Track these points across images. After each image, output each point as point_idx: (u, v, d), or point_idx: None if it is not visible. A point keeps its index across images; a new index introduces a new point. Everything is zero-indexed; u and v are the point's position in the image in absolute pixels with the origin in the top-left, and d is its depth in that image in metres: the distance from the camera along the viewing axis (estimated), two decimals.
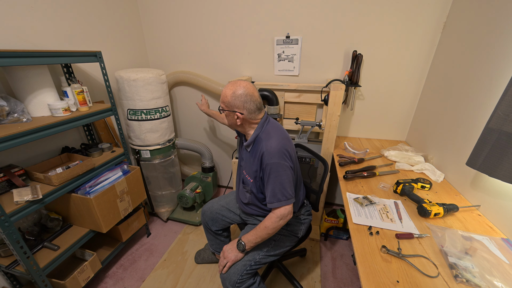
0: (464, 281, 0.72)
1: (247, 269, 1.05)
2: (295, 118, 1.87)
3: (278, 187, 0.98)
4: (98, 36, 1.63)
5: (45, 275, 1.16)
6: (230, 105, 1.02)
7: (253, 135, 1.07)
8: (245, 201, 1.17)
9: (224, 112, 1.07)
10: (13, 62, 0.99)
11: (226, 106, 1.04)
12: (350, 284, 1.49)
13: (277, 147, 0.99)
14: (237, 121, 1.05)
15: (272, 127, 1.07)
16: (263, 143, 1.02)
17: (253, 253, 1.09)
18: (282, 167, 0.99)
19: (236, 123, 1.07)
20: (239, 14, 1.75)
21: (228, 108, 1.04)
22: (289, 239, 1.19)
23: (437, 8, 1.42)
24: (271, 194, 1.00)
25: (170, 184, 1.98)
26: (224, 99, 1.04)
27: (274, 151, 0.98)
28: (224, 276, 1.06)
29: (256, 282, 1.10)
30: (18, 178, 1.13)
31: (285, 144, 1.02)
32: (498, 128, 0.84)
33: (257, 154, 1.04)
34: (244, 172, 1.14)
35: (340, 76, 1.74)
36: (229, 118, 1.08)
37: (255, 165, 1.05)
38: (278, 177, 0.99)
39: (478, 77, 1.12)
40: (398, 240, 0.88)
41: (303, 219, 1.23)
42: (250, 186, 1.11)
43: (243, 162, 1.17)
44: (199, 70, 2.01)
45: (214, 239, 1.47)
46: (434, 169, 1.30)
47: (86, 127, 1.62)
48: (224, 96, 1.03)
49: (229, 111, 1.04)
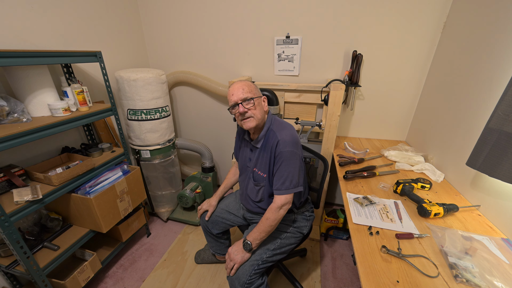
0: (464, 281, 0.72)
1: (255, 268, 1.05)
2: (295, 118, 1.87)
3: (288, 175, 1.01)
4: (98, 36, 1.63)
5: (45, 275, 1.16)
6: (257, 91, 1.06)
7: (265, 128, 1.09)
8: (256, 199, 1.17)
9: (255, 101, 1.03)
10: (13, 62, 0.99)
11: (255, 93, 1.04)
12: (350, 284, 1.49)
13: (291, 137, 1.03)
14: (265, 106, 1.08)
15: (279, 121, 1.12)
16: (276, 134, 1.04)
17: (261, 253, 1.09)
18: (294, 155, 1.02)
19: (264, 111, 1.08)
20: (239, 14, 1.75)
21: (258, 95, 1.05)
22: (294, 236, 1.20)
23: (437, 8, 1.42)
24: (280, 182, 1.02)
25: (170, 184, 1.98)
26: (250, 88, 1.04)
27: (288, 140, 1.02)
28: (233, 277, 1.05)
29: (264, 283, 1.10)
30: (18, 178, 1.13)
31: (296, 135, 1.08)
32: (498, 128, 0.84)
33: (270, 145, 1.05)
34: (255, 169, 1.14)
35: (340, 76, 1.74)
36: (260, 106, 1.05)
37: (269, 158, 1.06)
38: (289, 165, 1.01)
39: (478, 77, 1.12)
40: (398, 240, 0.88)
41: (308, 216, 1.25)
42: (264, 182, 1.11)
43: (250, 162, 1.17)
44: (199, 70, 2.01)
45: (214, 242, 1.47)
46: (434, 169, 1.30)
47: (86, 127, 1.62)
48: (247, 85, 1.04)
49: (259, 98, 1.05)
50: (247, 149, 1.19)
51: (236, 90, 1.02)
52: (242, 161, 1.24)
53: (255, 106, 1.03)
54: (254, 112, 1.03)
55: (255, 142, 1.11)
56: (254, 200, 1.19)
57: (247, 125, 1.04)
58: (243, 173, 1.24)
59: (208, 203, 1.38)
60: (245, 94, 1.02)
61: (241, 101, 1.01)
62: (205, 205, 1.39)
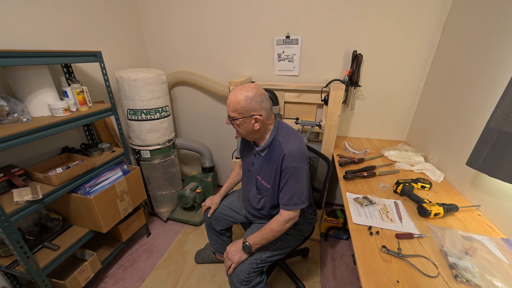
0: (464, 281, 0.72)
1: (253, 267, 1.06)
2: (295, 118, 1.87)
3: (296, 191, 0.99)
4: (98, 36, 1.63)
5: (45, 275, 1.16)
6: (246, 110, 0.94)
7: (269, 138, 1.02)
8: (258, 206, 1.16)
9: (237, 121, 0.97)
10: (13, 62, 0.99)
11: (240, 113, 0.95)
12: (350, 284, 1.49)
13: (298, 151, 0.98)
14: (255, 126, 0.97)
15: (287, 130, 1.05)
16: (282, 146, 0.98)
17: (260, 252, 1.10)
18: (302, 170, 0.99)
19: (253, 129, 0.98)
20: (239, 14, 1.75)
21: (243, 115, 0.95)
22: (295, 238, 1.20)
23: (437, 8, 1.42)
24: (287, 198, 1.00)
25: (170, 184, 1.98)
26: (236, 106, 0.94)
27: (295, 154, 0.97)
28: (232, 275, 1.07)
29: (263, 281, 1.10)
30: (18, 178, 1.13)
31: (304, 147, 1.02)
32: (498, 128, 0.84)
33: (275, 158, 1.00)
34: (259, 178, 1.11)
35: (340, 76, 1.74)
36: (243, 126, 0.98)
37: (274, 170, 1.02)
38: (297, 180, 0.98)
39: (478, 77, 1.12)
40: (398, 240, 0.88)
41: (310, 218, 1.25)
42: (268, 192, 1.09)
43: (253, 167, 1.14)
44: (199, 70, 2.01)
45: (217, 239, 1.48)
46: (434, 169, 1.30)
47: (86, 127, 1.62)
48: (235, 103, 0.94)
49: (244, 118, 0.95)
50: (251, 152, 1.16)
51: (228, 101, 0.98)
52: (245, 163, 1.23)
53: (238, 125, 0.99)
54: (238, 129, 1.01)
55: (259, 149, 1.08)
56: (255, 207, 1.19)
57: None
58: (245, 175, 1.24)
59: (211, 200, 1.39)
60: (229, 111, 0.98)
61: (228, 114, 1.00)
62: (208, 202, 1.40)
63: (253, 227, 1.21)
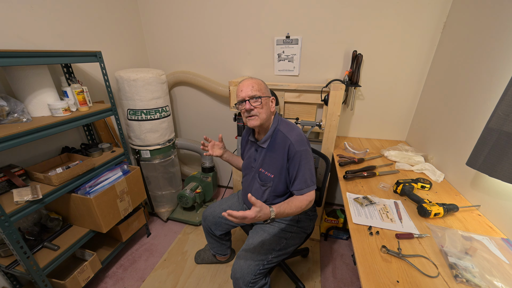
0: (464, 281, 0.72)
1: (260, 268, 1.06)
2: (295, 118, 1.87)
3: (308, 173, 1.03)
4: (98, 36, 1.63)
5: (45, 275, 1.16)
6: (267, 90, 1.05)
7: (271, 129, 1.08)
8: (262, 199, 1.17)
9: (263, 100, 1.02)
10: (13, 62, 0.99)
11: (264, 92, 1.03)
12: (350, 284, 1.49)
13: (301, 136, 1.05)
14: (272, 107, 1.07)
15: (286, 122, 1.12)
16: (286, 135, 1.04)
17: (266, 253, 1.10)
18: (309, 153, 1.05)
19: (270, 112, 1.07)
20: (239, 14, 1.75)
21: (267, 94, 1.04)
22: (299, 236, 1.20)
23: (437, 8, 1.42)
24: (301, 180, 1.03)
25: (170, 184, 1.98)
26: (260, 86, 1.03)
27: (301, 139, 1.04)
28: (237, 276, 1.06)
29: (268, 283, 1.11)
30: (18, 178, 1.13)
31: (304, 135, 1.09)
32: (498, 128, 0.84)
33: (280, 146, 1.05)
34: (261, 170, 1.13)
35: (340, 76, 1.74)
36: (266, 106, 1.04)
37: (280, 158, 1.06)
38: (307, 163, 1.03)
39: (478, 77, 1.12)
40: (398, 240, 0.88)
41: (311, 215, 1.25)
42: (272, 182, 1.11)
43: (255, 163, 1.16)
44: (199, 70, 2.01)
45: (216, 243, 1.48)
46: (434, 169, 1.30)
47: (86, 127, 1.62)
48: (258, 83, 1.03)
49: (267, 98, 1.04)
50: (252, 149, 1.19)
51: (246, 86, 1.02)
52: (247, 161, 1.23)
53: (262, 105, 1.02)
54: (260, 111, 1.02)
55: (261, 142, 1.11)
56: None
57: (251, 123, 1.04)
58: (247, 174, 1.24)
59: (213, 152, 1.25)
60: (253, 92, 1.01)
61: (248, 98, 1.01)
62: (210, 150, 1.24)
63: (255, 228, 1.22)
